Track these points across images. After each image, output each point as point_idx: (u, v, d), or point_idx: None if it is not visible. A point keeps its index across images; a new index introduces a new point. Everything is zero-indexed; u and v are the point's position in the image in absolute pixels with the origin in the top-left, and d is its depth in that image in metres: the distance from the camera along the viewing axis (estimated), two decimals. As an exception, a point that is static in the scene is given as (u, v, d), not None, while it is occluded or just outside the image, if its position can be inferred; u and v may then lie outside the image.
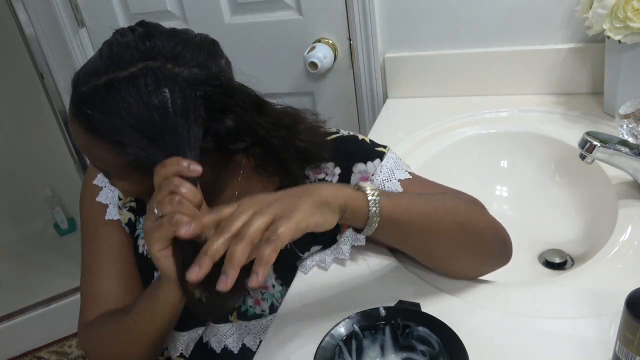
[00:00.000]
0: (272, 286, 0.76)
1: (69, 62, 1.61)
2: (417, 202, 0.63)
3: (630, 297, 0.51)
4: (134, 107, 0.57)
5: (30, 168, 2.29)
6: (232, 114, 0.62)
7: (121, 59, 0.59)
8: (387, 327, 0.58)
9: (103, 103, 0.58)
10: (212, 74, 0.61)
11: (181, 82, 0.59)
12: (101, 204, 0.80)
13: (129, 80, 0.57)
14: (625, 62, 0.99)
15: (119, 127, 0.58)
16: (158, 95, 0.58)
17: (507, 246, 0.70)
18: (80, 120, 0.60)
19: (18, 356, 1.94)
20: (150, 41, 0.60)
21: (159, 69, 0.58)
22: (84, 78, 0.60)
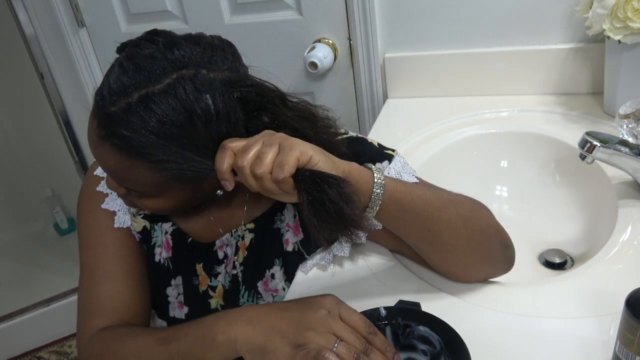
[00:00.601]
0: (283, 289, 0.77)
1: (69, 62, 1.60)
2: (422, 189, 0.64)
3: (630, 297, 0.51)
4: (174, 119, 0.55)
5: (30, 168, 2.29)
6: (266, 111, 0.62)
7: (151, 72, 0.56)
8: (387, 327, 0.58)
9: (141, 121, 0.55)
10: (242, 75, 0.62)
11: (219, 87, 0.58)
12: (107, 211, 0.78)
13: (166, 93, 0.55)
14: (625, 62, 0.99)
15: (160, 143, 0.56)
16: (200, 103, 0.56)
17: (510, 251, 0.69)
18: (113, 143, 0.57)
19: (18, 356, 1.94)
20: (178, 50, 0.58)
21: (195, 77, 0.56)
22: (112, 98, 0.56)
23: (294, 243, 0.76)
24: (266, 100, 0.62)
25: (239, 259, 0.77)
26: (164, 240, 0.78)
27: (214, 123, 0.57)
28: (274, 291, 0.77)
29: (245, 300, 0.77)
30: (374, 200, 0.59)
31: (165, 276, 0.79)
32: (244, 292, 0.77)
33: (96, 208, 0.78)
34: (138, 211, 0.78)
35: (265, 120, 0.62)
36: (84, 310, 0.75)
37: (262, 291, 0.77)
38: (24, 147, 2.26)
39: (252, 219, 0.76)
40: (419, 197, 0.62)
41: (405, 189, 0.61)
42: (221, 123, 0.57)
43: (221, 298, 0.78)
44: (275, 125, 0.62)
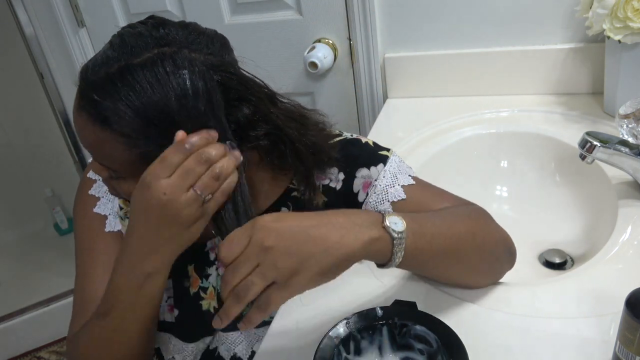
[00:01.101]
0: None
1: (69, 62, 1.61)
2: (441, 231, 0.61)
3: (630, 297, 0.51)
4: (149, 92, 0.55)
5: (30, 168, 2.28)
6: (247, 102, 0.61)
7: (134, 46, 0.57)
8: (384, 327, 0.58)
9: (116, 90, 0.55)
10: (225, 62, 0.61)
11: (199, 66, 0.57)
12: (99, 215, 0.77)
13: (144, 65, 0.55)
14: (625, 62, 0.99)
15: (132, 116, 0.56)
16: (176, 78, 0.56)
17: (513, 255, 0.70)
18: (89, 112, 0.57)
19: (18, 356, 1.94)
20: (164, 29, 0.59)
21: (175, 53, 0.57)
22: (94, 68, 0.57)
23: None
24: (249, 92, 0.61)
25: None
26: None
27: (189, 99, 0.56)
28: None
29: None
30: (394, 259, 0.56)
31: None
32: None
33: (89, 212, 0.78)
34: (126, 213, 0.77)
35: (246, 112, 0.61)
36: (75, 313, 0.75)
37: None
38: (24, 147, 2.26)
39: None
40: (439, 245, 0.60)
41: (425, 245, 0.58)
42: (198, 101, 0.57)
43: (214, 301, 0.77)
44: (255, 119, 0.62)
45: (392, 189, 0.71)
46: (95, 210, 0.77)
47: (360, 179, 0.72)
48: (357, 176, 0.72)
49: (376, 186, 0.71)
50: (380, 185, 0.71)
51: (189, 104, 0.56)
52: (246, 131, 0.62)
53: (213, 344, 0.79)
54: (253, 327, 0.54)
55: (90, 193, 0.79)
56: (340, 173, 0.73)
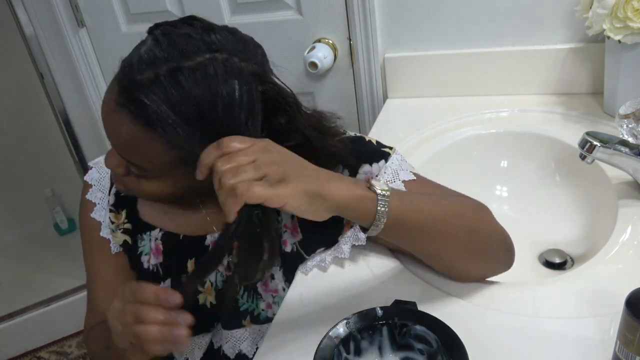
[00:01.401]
0: (283, 289, 0.76)
1: (69, 62, 1.60)
2: (427, 205, 0.63)
3: (630, 297, 0.51)
4: (198, 96, 0.55)
5: (30, 168, 2.28)
6: (283, 112, 0.62)
7: (185, 48, 0.56)
8: (384, 327, 0.58)
9: (164, 92, 0.54)
10: (268, 71, 0.62)
11: (247, 76, 0.58)
12: (95, 220, 0.80)
13: (196, 70, 0.55)
14: (625, 62, 0.99)
15: (179, 120, 0.55)
16: (226, 86, 0.56)
17: (511, 252, 0.70)
18: (130, 111, 0.56)
19: (18, 356, 1.94)
20: (214, 34, 0.59)
21: (227, 61, 0.57)
22: (140, 66, 0.56)
23: (292, 244, 0.76)
24: (285, 102, 0.62)
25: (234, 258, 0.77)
26: (152, 247, 0.78)
27: (235, 109, 0.57)
28: (274, 291, 0.77)
29: (245, 300, 0.77)
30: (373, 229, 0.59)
31: (154, 281, 0.79)
32: (243, 293, 0.77)
33: (88, 216, 0.81)
34: (118, 225, 0.79)
35: (281, 122, 0.62)
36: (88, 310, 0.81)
37: (261, 292, 0.77)
38: (24, 147, 2.26)
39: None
40: (425, 217, 0.61)
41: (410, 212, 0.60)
42: (242, 111, 0.57)
43: (211, 296, 0.77)
44: (289, 129, 0.63)
45: (393, 185, 0.71)
46: (92, 215, 0.81)
47: (362, 174, 0.73)
48: (359, 172, 0.73)
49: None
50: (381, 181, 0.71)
51: (234, 112, 0.57)
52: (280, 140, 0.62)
53: (217, 343, 0.79)
54: (231, 215, 0.52)
55: (87, 197, 0.81)
56: (345, 170, 0.73)
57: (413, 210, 0.61)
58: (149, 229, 0.78)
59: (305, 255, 0.77)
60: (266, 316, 0.77)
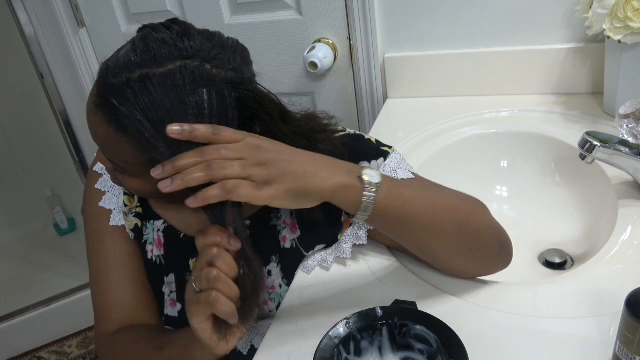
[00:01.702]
0: (279, 286, 0.77)
1: (69, 62, 1.61)
2: (417, 197, 0.63)
3: (630, 297, 0.51)
4: (167, 104, 0.55)
5: (30, 168, 2.29)
6: (260, 121, 0.62)
7: (158, 54, 0.57)
8: (384, 327, 0.58)
9: (135, 97, 0.55)
10: (246, 78, 0.61)
11: (219, 84, 0.58)
12: (104, 209, 0.79)
13: (165, 77, 0.56)
14: (625, 62, 0.99)
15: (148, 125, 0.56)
16: (195, 95, 0.56)
17: (507, 249, 0.70)
18: (105, 113, 0.58)
19: (18, 356, 1.94)
20: (188, 40, 0.59)
21: (198, 69, 0.57)
22: (115, 70, 0.57)
23: (292, 240, 0.76)
24: (263, 110, 0.62)
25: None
26: (155, 238, 0.79)
27: (205, 118, 0.57)
28: (271, 288, 0.77)
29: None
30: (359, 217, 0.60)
31: (158, 274, 0.79)
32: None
33: (95, 206, 0.80)
34: (130, 209, 0.79)
35: (257, 130, 0.62)
36: (97, 316, 0.79)
37: None
38: (24, 147, 2.26)
39: (248, 216, 0.76)
40: (414, 209, 0.62)
41: (398, 204, 0.61)
42: (212, 120, 0.57)
43: None
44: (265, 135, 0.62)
45: None
46: (101, 204, 0.80)
47: None
48: None
49: None
50: None
51: (204, 121, 0.57)
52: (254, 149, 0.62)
53: None
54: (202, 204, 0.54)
55: (96, 187, 0.81)
56: None
57: (401, 202, 0.61)
58: (155, 218, 0.79)
59: (304, 252, 0.77)
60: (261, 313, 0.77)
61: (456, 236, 0.65)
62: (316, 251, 0.78)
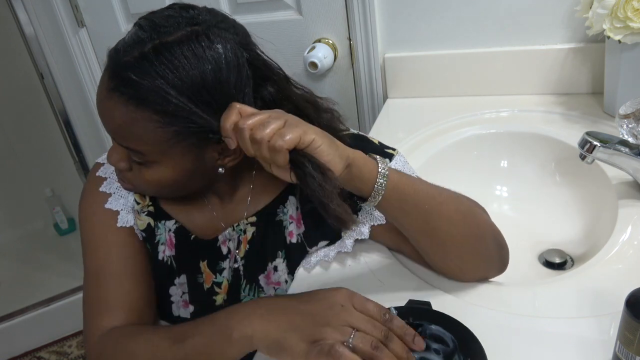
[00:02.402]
0: (285, 282, 0.77)
1: (69, 62, 1.60)
2: (424, 183, 0.65)
3: (630, 297, 0.51)
4: (187, 67, 0.57)
5: (30, 168, 2.29)
6: (272, 82, 0.64)
7: (166, 25, 0.58)
8: None
9: (153, 68, 0.56)
10: (251, 41, 0.64)
11: (231, 41, 0.60)
12: (111, 210, 0.76)
13: (180, 42, 0.57)
14: (625, 62, 0.99)
15: (171, 92, 0.57)
16: (211, 51, 0.58)
17: (504, 252, 0.70)
18: (122, 93, 0.58)
19: (18, 356, 1.94)
20: (193, 10, 0.61)
21: (207, 30, 0.59)
22: (126, 49, 0.58)
23: (298, 235, 0.76)
24: (272, 72, 0.65)
25: (241, 252, 0.77)
26: (167, 238, 0.78)
27: (223, 72, 0.58)
28: (276, 284, 0.77)
29: (246, 294, 0.77)
30: (377, 189, 0.60)
31: (169, 275, 0.79)
32: (244, 286, 0.77)
33: (99, 209, 0.77)
34: (142, 208, 0.77)
35: (271, 91, 0.64)
36: (91, 312, 0.73)
37: (263, 284, 0.77)
38: (24, 147, 2.26)
39: (254, 212, 0.76)
40: (422, 190, 0.64)
41: (408, 181, 0.63)
42: (231, 73, 0.59)
43: (226, 294, 0.78)
44: (279, 97, 0.64)
45: None
46: (107, 206, 0.77)
47: None
48: None
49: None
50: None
51: (222, 76, 0.58)
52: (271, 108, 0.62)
53: None
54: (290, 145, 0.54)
55: (101, 190, 0.78)
56: None
57: (410, 182, 0.63)
58: (166, 217, 0.78)
59: (307, 247, 0.77)
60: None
61: (461, 225, 0.65)
62: (320, 247, 0.78)
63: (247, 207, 0.77)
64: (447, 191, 0.67)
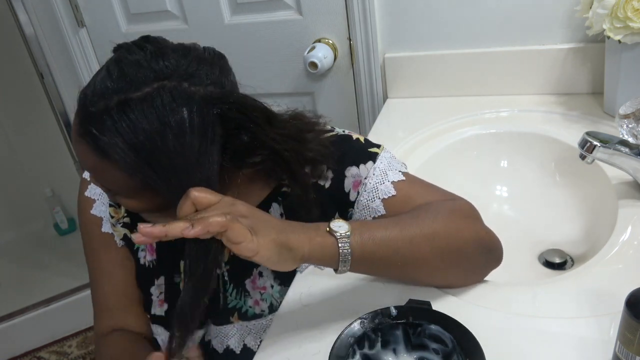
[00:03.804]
0: (271, 286, 0.77)
1: (69, 62, 1.60)
2: (391, 235, 0.62)
3: (630, 297, 0.51)
4: (147, 128, 0.55)
5: (30, 168, 2.29)
6: (246, 130, 0.62)
7: (134, 79, 0.56)
8: (399, 327, 0.58)
9: (114, 124, 0.55)
10: (226, 91, 0.61)
11: (198, 101, 0.57)
12: (96, 216, 0.80)
13: (143, 100, 0.55)
14: (625, 62, 0.99)
15: (130, 151, 0.56)
16: (175, 115, 0.56)
17: (495, 255, 0.70)
18: (88, 142, 0.58)
19: (18, 356, 1.94)
20: (163, 60, 0.58)
21: (175, 89, 0.56)
22: (93, 98, 0.57)
23: None
24: (247, 118, 0.61)
25: (225, 257, 0.77)
26: (147, 245, 0.79)
27: (187, 137, 0.56)
28: (262, 289, 0.77)
29: (233, 297, 0.77)
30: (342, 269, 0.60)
31: (149, 277, 0.80)
32: (231, 290, 0.77)
33: (87, 213, 0.81)
34: (118, 220, 0.79)
35: (244, 140, 0.62)
36: (94, 312, 0.82)
37: (249, 289, 0.77)
38: (24, 147, 2.26)
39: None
40: (391, 245, 0.61)
41: (373, 246, 0.60)
42: (194, 138, 0.57)
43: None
44: (253, 145, 0.62)
45: (382, 186, 0.71)
46: (92, 212, 0.80)
47: (350, 178, 0.72)
48: (347, 175, 0.72)
49: (366, 184, 0.71)
50: (370, 184, 0.71)
51: (186, 141, 0.56)
52: (243, 158, 0.63)
53: (207, 337, 0.80)
54: (202, 231, 0.51)
55: (86, 194, 0.82)
56: (329, 171, 0.73)
57: (376, 245, 0.60)
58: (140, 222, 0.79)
59: None
60: (254, 313, 0.77)
61: (439, 260, 0.65)
62: None
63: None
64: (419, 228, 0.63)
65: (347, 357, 0.55)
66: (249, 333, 0.79)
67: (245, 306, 0.77)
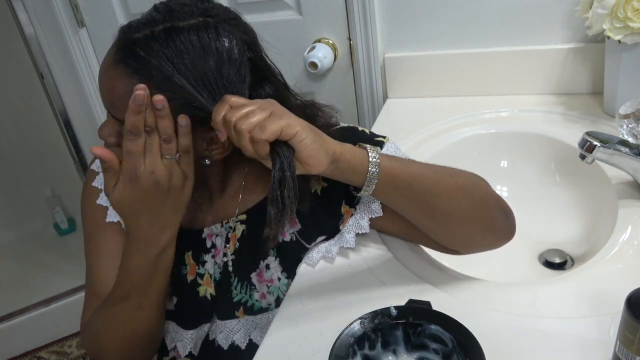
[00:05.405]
0: (278, 279, 0.77)
1: (69, 62, 1.60)
2: (418, 163, 0.66)
3: (630, 297, 0.51)
4: (192, 54, 0.59)
5: (30, 168, 2.29)
6: (270, 84, 0.66)
7: (180, 12, 0.61)
8: (399, 327, 0.58)
9: (160, 47, 0.59)
10: (258, 43, 0.67)
11: (238, 39, 0.62)
12: (101, 206, 0.80)
13: (189, 29, 0.59)
14: (625, 62, 0.99)
15: (172, 74, 0.59)
16: (217, 43, 0.60)
17: (511, 219, 0.71)
18: (128, 65, 0.60)
19: (18, 356, 1.94)
20: (208, 3, 0.64)
21: (219, 24, 0.61)
22: (138, 26, 0.61)
23: (291, 233, 0.76)
24: (272, 75, 0.66)
25: (230, 250, 0.77)
26: None
27: (225, 65, 0.60)
28: (269, 282, 0.77)
29: (238, 291, 0.77)
30: (370, 178, 0.61)
31: None
32: (236, 284, 0.77)
33: (93, 203, 0.81)
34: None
35: (269, 92, 0.66)
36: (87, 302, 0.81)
37: (255, 282, 0.77)
38: (24, 147, 2.26)
39: (244, 210, 0.77)
40: (417, 171, 0.64)
41: (401, 165, 0.64)
42: (231, 69, 0.60)
43: (211, 287, 0.78)
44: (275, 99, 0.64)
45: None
46: (98, 201, 0.80)
47: None
48: None
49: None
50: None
51: (224, 70, 0.60)
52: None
53: (212, 335, 0.80)
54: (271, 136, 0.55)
55: (93, 185, 0.81)
56: None
57: (403, 166, 0.64)
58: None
59: (306, 244, 0.77)
60: (260, 307, 0.77)
61: (462, 200, 0.66)
62: (318, 242, 0.78)
63: (237, 204, 0.77)
64: (443, 168, 0.68)
65: (347, 357, 0.55)
66: (255, 328, 0.79)
67: (251, 300, 0.77)
